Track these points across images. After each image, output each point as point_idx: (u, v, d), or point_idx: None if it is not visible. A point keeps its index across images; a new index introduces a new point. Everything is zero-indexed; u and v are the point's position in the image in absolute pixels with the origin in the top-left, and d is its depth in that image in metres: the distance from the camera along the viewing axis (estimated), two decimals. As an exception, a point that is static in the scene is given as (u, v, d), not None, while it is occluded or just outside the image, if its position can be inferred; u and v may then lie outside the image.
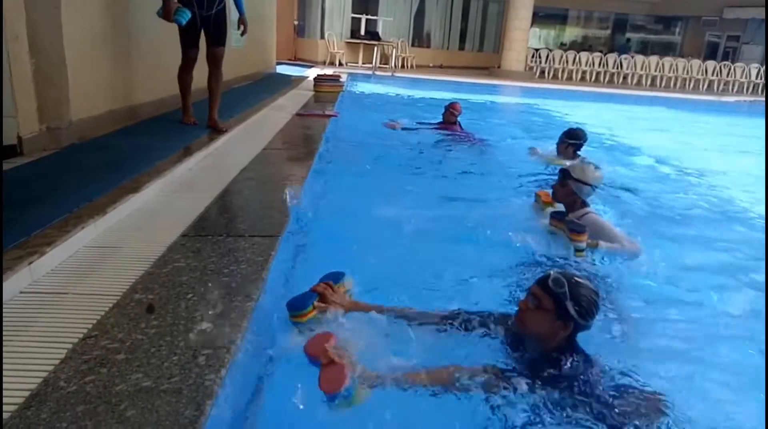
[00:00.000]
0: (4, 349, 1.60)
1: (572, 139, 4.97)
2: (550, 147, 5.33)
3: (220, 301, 1.92)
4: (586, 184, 3.15)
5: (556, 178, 3.38)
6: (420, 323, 2.10)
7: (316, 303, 2.04)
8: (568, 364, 1.82)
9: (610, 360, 1.97)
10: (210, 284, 2.06)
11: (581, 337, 1.93)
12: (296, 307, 2.01)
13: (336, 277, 2.18)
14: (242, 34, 5.03)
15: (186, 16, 4.32)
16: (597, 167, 3.23)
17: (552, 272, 1.91)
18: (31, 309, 1.84)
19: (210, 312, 1.85)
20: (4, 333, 1.68)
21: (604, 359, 1.94)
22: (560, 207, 3.35)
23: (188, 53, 4.68)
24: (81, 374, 1.49)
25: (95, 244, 2.40)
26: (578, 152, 4.97)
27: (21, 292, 1.93)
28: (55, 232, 2.25)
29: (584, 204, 3.23)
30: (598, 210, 3.45)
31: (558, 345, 1.88)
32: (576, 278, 1.91)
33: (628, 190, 4.82)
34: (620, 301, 2.61)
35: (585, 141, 5.03)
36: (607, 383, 1.84)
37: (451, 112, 6.52)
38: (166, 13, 4.28)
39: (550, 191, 3.49)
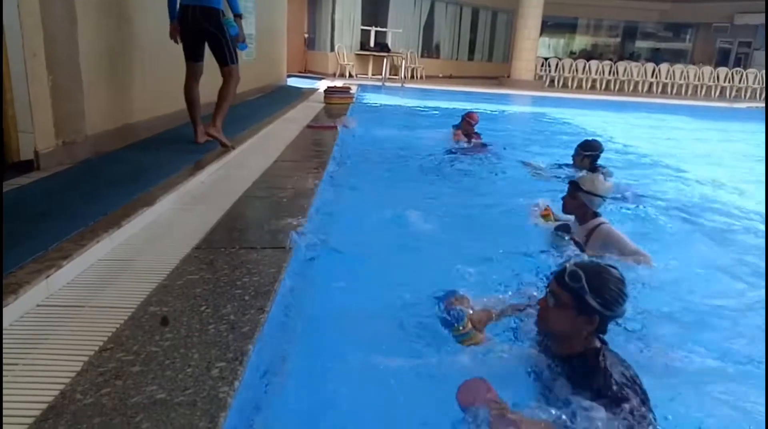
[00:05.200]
0: (22, 362, 1.63)
1: (588, 151, 4.93)
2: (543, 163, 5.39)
3: (233, 313, 1.94)
4: (596, 195, 3.09)
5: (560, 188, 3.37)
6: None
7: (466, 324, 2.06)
8: (602, 363, 1.70)
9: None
10: (223, 296, 2.08)
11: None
12: (455, 321, 2.03)
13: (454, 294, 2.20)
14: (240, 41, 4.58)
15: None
16: (607, 177, 3.19)
17: (568, 265, 1.79)
18: (48, 322, 1.87)
19: (223, 324, 1.86)
20: (21, 346, 1.71)
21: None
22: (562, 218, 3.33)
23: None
24: (97, 387, 1.51)
25: (110, 258, 2.43)
26: (596, 163, 4.92)
27: (38, 306, 1.96)
28: (71, 246, 2.29)
29: (595, 214, 3.17)
30: (612, 220, 3.41)
31: (586, 340, 1.78)
32: (595, 268, 1.79)
33: (640, 197, 4.79)
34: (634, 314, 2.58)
35: (601, 151, 4.98)
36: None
37: (467, 122, 6.50)
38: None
39: (542, 204, 3.50)
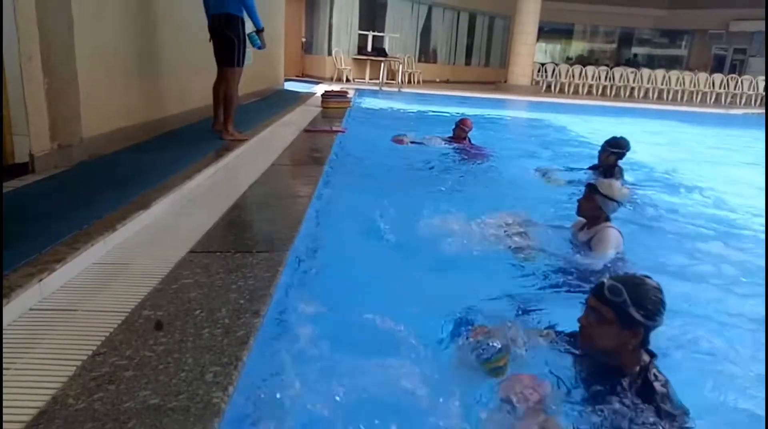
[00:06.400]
0: (14, 366, 1.61)
1: (615, 148, 4.99)
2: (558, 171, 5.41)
3: (227, 318, 1.93)
4: (612, 199, 3.16)
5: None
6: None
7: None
8: (653, 374, 1.73)
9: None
10: (218, 300, 2.06)
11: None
12: (490, 355, 1.92)
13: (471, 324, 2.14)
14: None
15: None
16: (624, 185, 3.24)
17: (605, 280, 1.77)
18: (41, 326, 1.85)
19: (218, 328, 1.85)
20: (13, 350, 1.69)
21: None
22: None
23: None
24: (89, 391, 1.49)
25: (104, 261, 2.41)
26: (619, 161, 5.00)
27: (31, 309, 1.94)
28: (65, 249, 2.27)
29: (607, 219, 3.23)
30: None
31: (632, 353, 1.77)
32: (633, 279, 1.78)
33: (634, 203, 4.79)
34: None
35: (628, 150, 5.03)
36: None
37: (461, 128, 6.55)
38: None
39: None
